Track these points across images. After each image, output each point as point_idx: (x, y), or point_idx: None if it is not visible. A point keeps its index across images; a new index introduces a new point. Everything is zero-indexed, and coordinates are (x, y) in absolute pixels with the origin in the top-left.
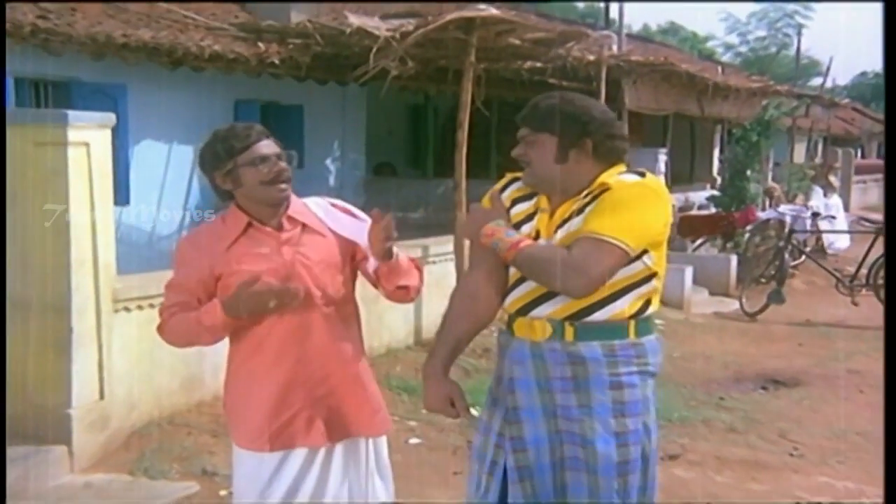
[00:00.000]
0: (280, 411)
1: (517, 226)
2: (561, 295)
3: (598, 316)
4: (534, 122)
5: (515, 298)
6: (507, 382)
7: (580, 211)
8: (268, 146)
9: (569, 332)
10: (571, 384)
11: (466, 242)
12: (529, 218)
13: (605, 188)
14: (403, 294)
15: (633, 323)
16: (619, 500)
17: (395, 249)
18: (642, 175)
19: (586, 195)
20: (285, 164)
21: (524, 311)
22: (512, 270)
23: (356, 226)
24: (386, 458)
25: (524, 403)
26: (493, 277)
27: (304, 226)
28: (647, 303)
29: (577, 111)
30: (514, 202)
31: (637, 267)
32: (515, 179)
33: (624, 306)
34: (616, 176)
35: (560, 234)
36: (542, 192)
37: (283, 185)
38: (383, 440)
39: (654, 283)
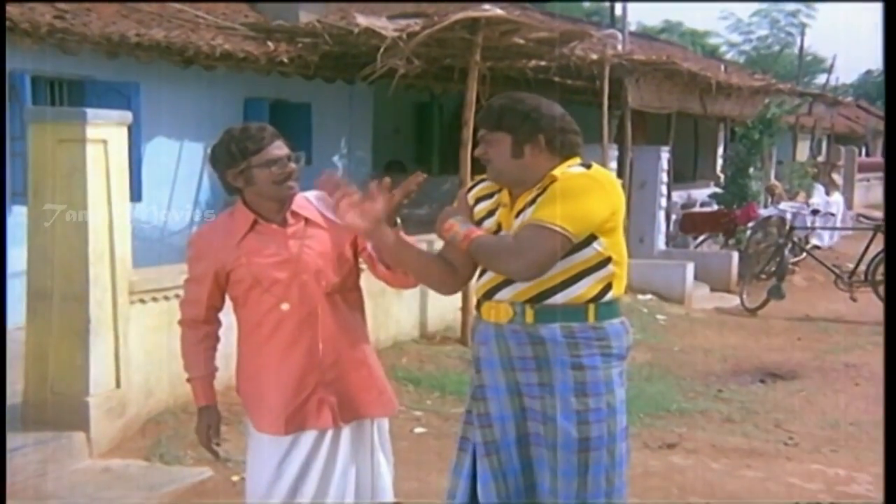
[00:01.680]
0: (294, 396)
1: (480, 221)
2: (515, 282)
3: (557, 299)
4: (489, 121)
5: (481, 284)
6: (474, 362)
7: (532, 202)
8: (279, 147)
9: (529, 314)
10: (533, 363)
11: None
12: (491, 213)
13: (553, 180)
14: (403, 278)
15: (592, 307)
16: (578, 475)
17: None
18: (589, 167)
19: (539, 187)
20: (295, 164)
21: (489, 294)
22: None
23: None
24: (387, 435)
25: (489, 381)
26: (453, 260)
27: (306, 220)
28: (608, 287)
29: (527, 109)
30: (478, 200)
31: (588, 252)
32: (482, 180)
33: (581, 290)
34: (565, 168)
35: (516, 223)
36: (503, 187)
37: (291, 184)
38: (385, 423)
39: (612, 268)
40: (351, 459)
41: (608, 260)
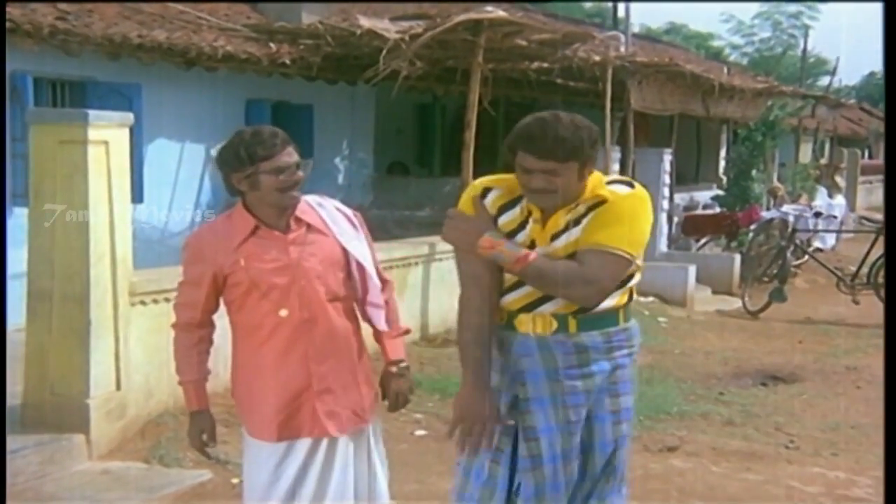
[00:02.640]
0: (288, 402)
1: (510, 235)
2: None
3: (595, 308)
4: (560, 155)
5: (518, 297)
6: (514, 375)
7: (577, 221)
8: (289, 154)
9: (572, 324)
10: (577, 371)
11: None
12: (521, 226)
13: (601, 200)
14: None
15: (622, 311)
16: (609, 474)
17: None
18: (631, 185)
19: (580, 206)
20: (302, 173)
21: (528, 308)
22: (508, 274)
23: (354, 237)
24: (381, 436)
25: (534, 394)
26: (490, 288)
27: (308, 225)
28: (631, 293)
29: (589, 135)
30: (501, 210)
31: (630, 268)
32: (488, 189)
33: (615, 298)
34: (607, 187)
35: (557, 243)
36: (537, 206)
37: (295, 193)
38: (379, 426)
39: (637, 276)
40: (349, 462)
41: (637, 270)
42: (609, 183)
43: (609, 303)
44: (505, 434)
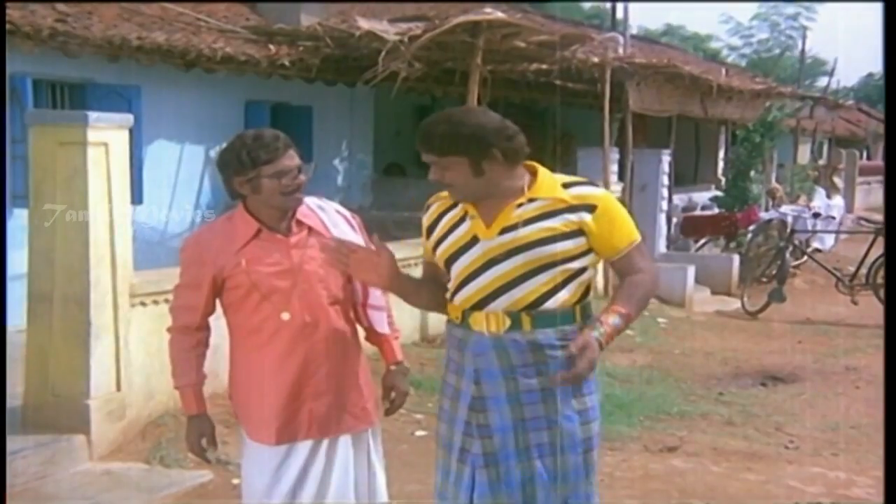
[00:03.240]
0: (287, 405)
1: (450, 231)
2: (515, 288)
3: (549, 305)
4: (436, 148)
5: (468, 295)
6: (470, 374)
7: (531, 221)
8: (291, 158)
9: (526, 321)
10: (533, 370)
11: None
12: (459, 223)
13: (591, 204)
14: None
15: (578, 308)
16: (584, 475)
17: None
18: (594, 185)
19: (531, 204)
20: (304, 176)
21: (479, 305)
22: (456, 271)
23: (354, 239)
24: (380, 443)
25: (490, 392)
26: (436, 276)
27: (309, 228)
28: (587, 289)
29: (473, 129)
30: (439, 218)
31: (585, 260)
32: (433, 202)
33: (568, 294)
34: (572, 190)
35: (504, 238)
36: (470, 203)
37: (298, 196)
38: (379, 430)
39: (591, 272)
40: (348, 463)
41: (588, 266)
42: (568, 186)
43: (562, 298)
44: (467, 434)
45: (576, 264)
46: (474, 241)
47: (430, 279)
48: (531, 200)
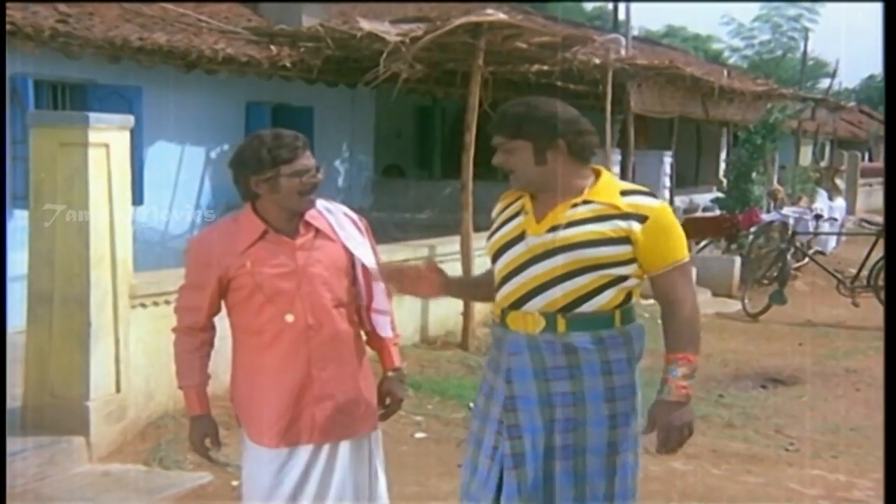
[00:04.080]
0: (290, 409)
1: (503, 225)
2: (553, 288)
3: (586, 308)
4: (506, 129)
5: (508, 293)
6: (504, 373)
7: (580, 223)
8: (308, 158)
9: (561, 323)
10: (566, 372)
11: (473, 244)
12: (511, 219)
13: (643, 215)
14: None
15: (618, 313)
16: (607, 477)
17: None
18: (652, 195)
19: (584, 207)
20: (321, 176)
21: (517, 304)
22: (499, 266)
23: (361, 242)
24: (381, 446)
25: (521, 392)
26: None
27: (316, 231)
28: (629, 295)
29: (544, 115)
30: (503, 210)
31: (628, 269)
32: (501, 197)
33: (608, 298)
34: (628, 198)
35: (549, 236)
36: (528, 193)
37: (312, 197)
38: (379, 433)
39: (636, 280)
40: (349, 467)
41: (632, 274)
42: (627, 193)
43: (600, 302)
44: (499, 433)
45: (617, 270)
46: (521, 236)
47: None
48: (587, 202)
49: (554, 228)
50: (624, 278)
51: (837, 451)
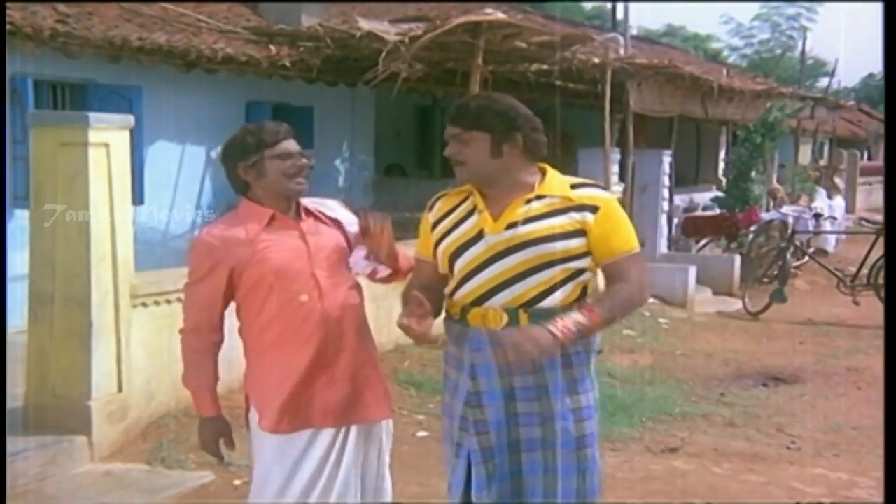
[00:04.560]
0: (304, 394)
1: (456, 226)
2: (516, 284)
3: (547, 303)
4: (465, 120)
5: (468, 291)
6: (467, 369)
7: (536, 218)
8: (293, 144)
9: (523, 318)
10: (528, 367)
11: None
12: (466, 218)
13: (595, 205)
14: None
15: (575, 307)
16: (577, 471)
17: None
18: (603, 188)
19: (538, 202)
20: (307, 161)
21: (478, 301)
22: (459, 266)
23: (349, 217)
24: (390, 446)
25: (485, 388)
26: (433, 281)
27: (315, 217)
28: (585, 289)
29: (504, 108)
30: (446, 214)
31: (584, 262)
32: (439, 198)
33: (565, 294)
34: (578, 191)
35: (509, 233)
36: (478, 188)
37: (301, 179)
38: (391, 431)
39: (589, 274)
40: (357, 459)
41: (587, 268)
42: (577, 186)
43: (559, 297)
44: (463, 429)
45: (576, 264)
46: (480, 235)
47: (424, 287)
48: (539, 197)
49: (511, 225)
50: (580, 272)
51: (839, 450)
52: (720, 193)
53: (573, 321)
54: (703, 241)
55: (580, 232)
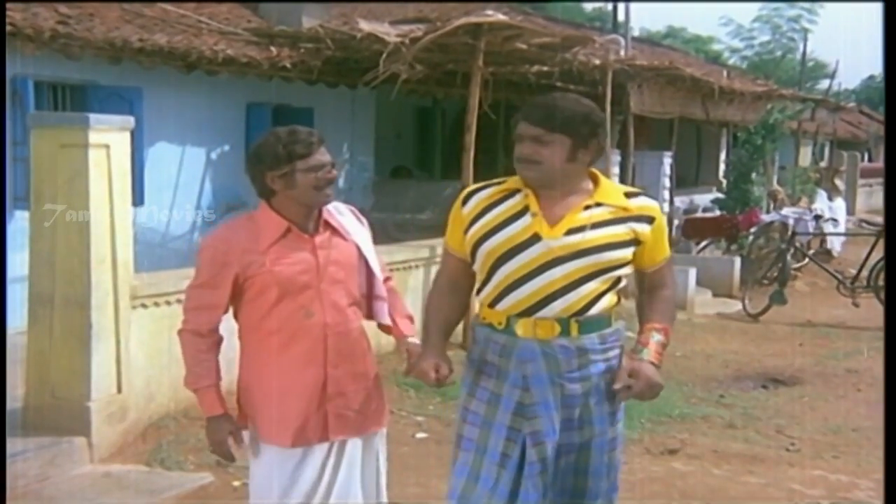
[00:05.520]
0: (306, 406)
1: (504, 224)
2: (571, 292)
3: (594, 311)
4: (550, 122)
5: (520, 299)
6: (517, 380)
7: (598, 225)
8: (324, 153)
9: (574, 328)
10: (577, 374)
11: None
12: (517, 217)
13: (651, 216)
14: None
15: (613, 312)
16: (607, 475)
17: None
18: (650, 196)
19: (598, 209)
20: (336, 172)
21: (528, 312)
22: (508, 270)
23: (363, 232)
24: (385, 448)
25: (540, 399)
26: (462, 277)
27: (332, 229)
28: (620, 295)
29: (590, 114)
30: (489, 207)
31: (627, 270)
32: (473, 192)
33: (607, 301)
34: (634, 200)
35: (572, 238)
36: (534, 189)
37: (329, 191)
38: (385, 433)
39: (625, 281)
40: (356, 465)
41: (627, 274)
42: (630, 196)
43: (603, 305)
44: (510, 439)
45: (621, 272)
46: (534, 239)
47: (449, 291)
48: (598, 205)
49: (572, 231)
50: (620, 280)
51: (839, 452)
52: (720, 195)
53: (658, 344)
54: (704, 243)
55: (634, 241)
